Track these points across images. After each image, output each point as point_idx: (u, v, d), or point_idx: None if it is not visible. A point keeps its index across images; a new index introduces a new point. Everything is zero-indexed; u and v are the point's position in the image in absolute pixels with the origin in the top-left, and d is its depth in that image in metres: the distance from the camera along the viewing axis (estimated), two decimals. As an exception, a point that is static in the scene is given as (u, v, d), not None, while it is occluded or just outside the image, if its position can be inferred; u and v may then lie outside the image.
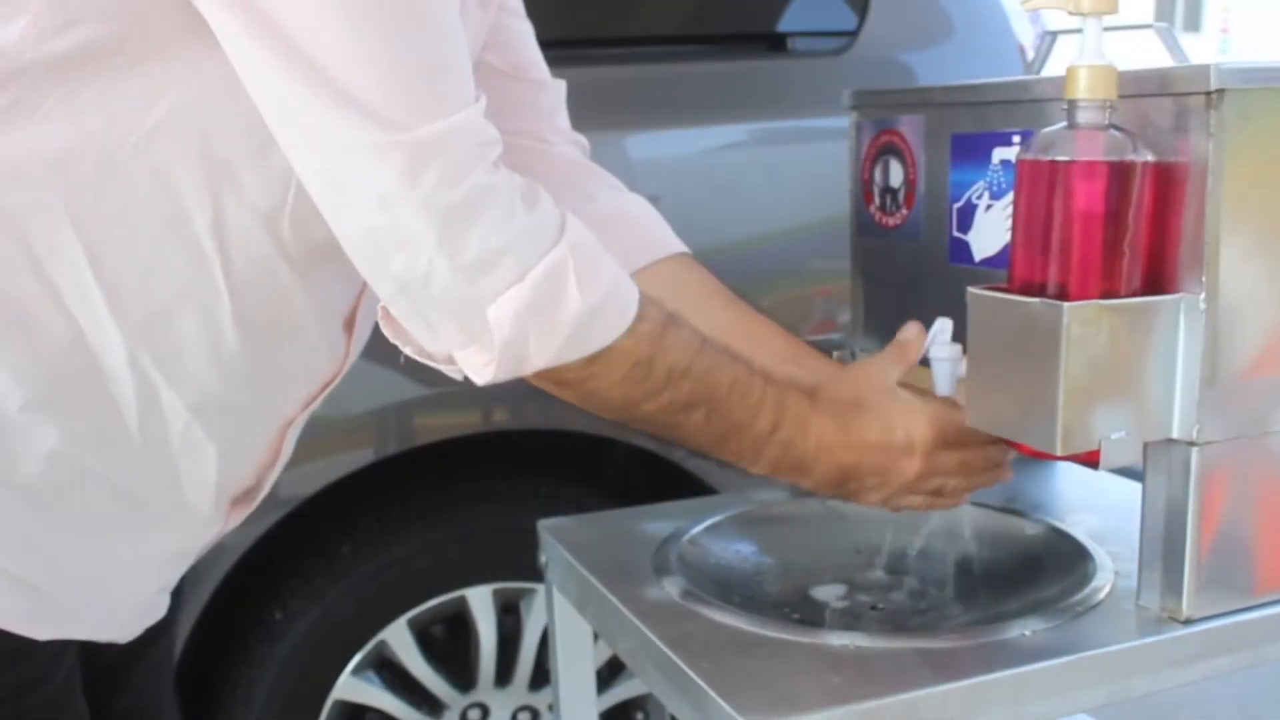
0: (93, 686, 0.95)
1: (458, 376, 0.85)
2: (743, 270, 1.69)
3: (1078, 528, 1.06)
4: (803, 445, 0.92)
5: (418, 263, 0.75)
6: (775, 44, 1.85)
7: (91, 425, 0.83)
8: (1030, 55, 1.83)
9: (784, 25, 1.86)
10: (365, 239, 0.76)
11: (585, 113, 1.67)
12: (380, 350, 1.54)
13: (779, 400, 0.91)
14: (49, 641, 0.86)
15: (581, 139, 1.18)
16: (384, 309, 0.84)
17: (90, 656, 0.94)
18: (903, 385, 0.98)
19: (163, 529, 0.92)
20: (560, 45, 1.75)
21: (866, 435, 0.94)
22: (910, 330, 0.99)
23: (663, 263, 1.10)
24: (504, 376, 0.81)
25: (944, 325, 0.98)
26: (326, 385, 0.97)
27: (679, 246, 1.12)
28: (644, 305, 0.84)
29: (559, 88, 1.17)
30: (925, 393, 0.99)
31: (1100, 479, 1.17)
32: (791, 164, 1.75)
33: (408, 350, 0.85)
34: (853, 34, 1.84)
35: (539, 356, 0.80)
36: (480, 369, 0.81)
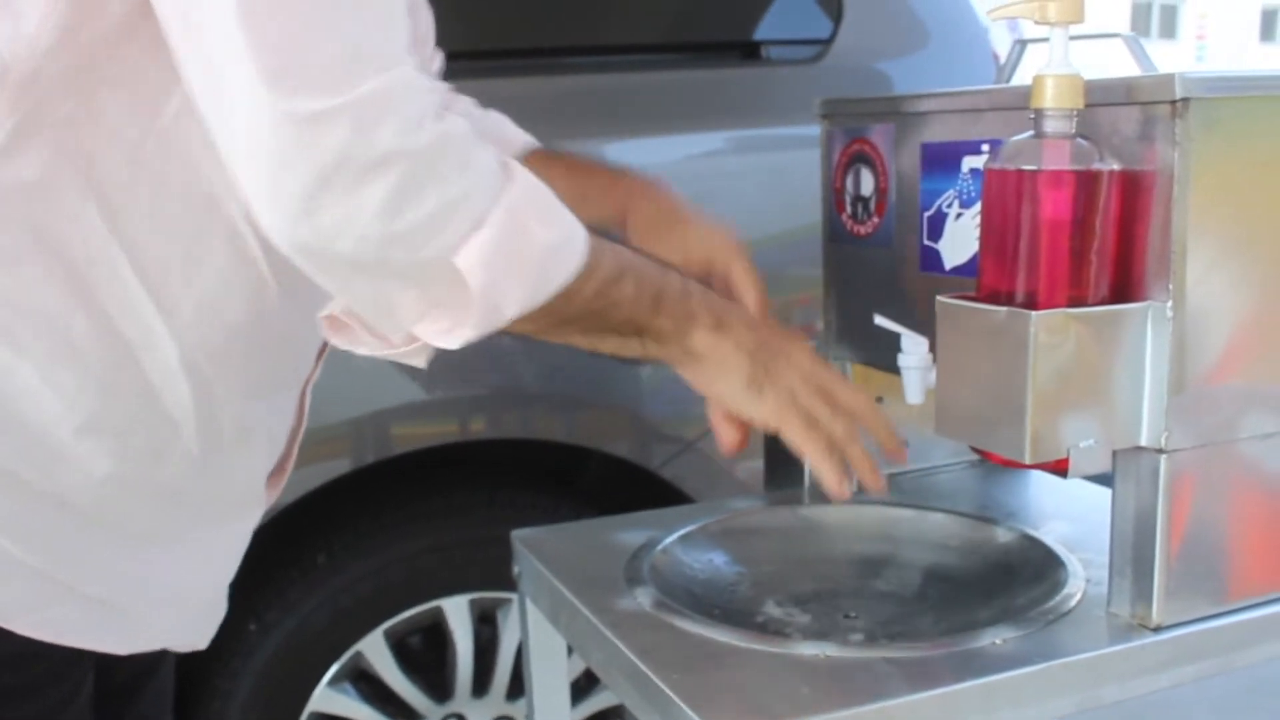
0: (101, 708, 0.95)
1: (419, 362, 0.81)
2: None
3: (1050, 535, 1.06)
4: (715, 295, 0.93)
5: (370, 233, 0.71)
6: (750, 52, 1.86)
7: (148, 442, 0.84)
8: (1003, 62, 1.84)
9: (759, 33, 1.87)
10: (318, 209, 0.71)
11: (562, 120, 1.68)
12: (357, 360, 1.53)
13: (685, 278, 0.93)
14: (76, 663, 0.85)
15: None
16: (328, 317, 0.81)
17: (101, 678, 0.93)
18: None
19: (224, 520, 0.93)
20: (536, 54, 1.76)
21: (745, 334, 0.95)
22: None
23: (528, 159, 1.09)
24: (480, 333, 0.78)
25: (917, 340, 0.99)
26: None
27: (529, 140, 1.17)
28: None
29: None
30: None
31: (1073, 486, 1.17)
32: (766, 171, 1.75)
33: (361, 350, 0.82)
34: (827, 42, 1.85)
35: (511, 304, 0.77)
36: (448, 333, 0.77)
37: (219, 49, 0.68)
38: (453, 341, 0.78)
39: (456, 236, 0.74)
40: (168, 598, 0.90)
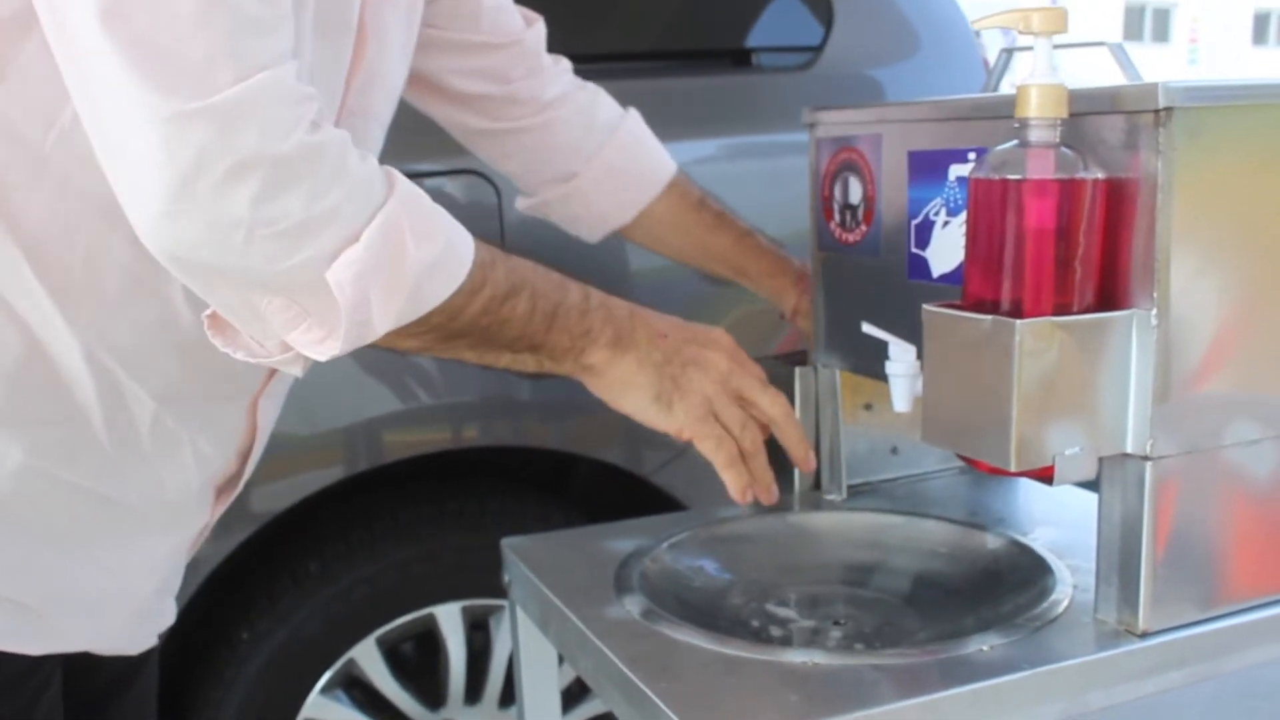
0: (79, 713, 0.94)
1: (295, 371, 0.81)
2: (713, 283, 1.69)
3: (1038, 541, 1.07)
4: (619, 310, 0.96)
5: (232, 239, 0.70)
6: (741, 59, 1.86)
7: (58, 435, 0.83)
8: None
9: (750, 41, 1.87)
10: (182, 211, 0.70)
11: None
12: (348, 368, 1.54)
13: (591, 293, 0.96)
14: (33, 673, 0.85)
15: (565, 65, 1.26)
16: (210, 316, 0.80)
17: (76, 688, 0.93)
18: None
19: (149, 530, 0.91)
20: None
21: (680, 322, 1.00)
22: None
23: (661, 197, 1.23)
24: (349, 347, 0.77)
25: (904, 348, 1.00)
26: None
27: (669, 168, 1.26)
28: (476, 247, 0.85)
29: (536, 30, 1.22)
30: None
31: (1061, 491, 1.18)
32: (758, 178, 1.76)
33: (239, 355, 0.81)
34: (818, 49, 1.85)
35: (382, 320, 0.77)
36: (318, 345, 0.77)
37: (87, 48, 0.68)
38: (323, 353, 0.77)
39: (327, 249, 0.73)
40: (85, 603, 0.88)
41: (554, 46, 1.79)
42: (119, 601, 0.91)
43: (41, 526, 0.84)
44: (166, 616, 0.98)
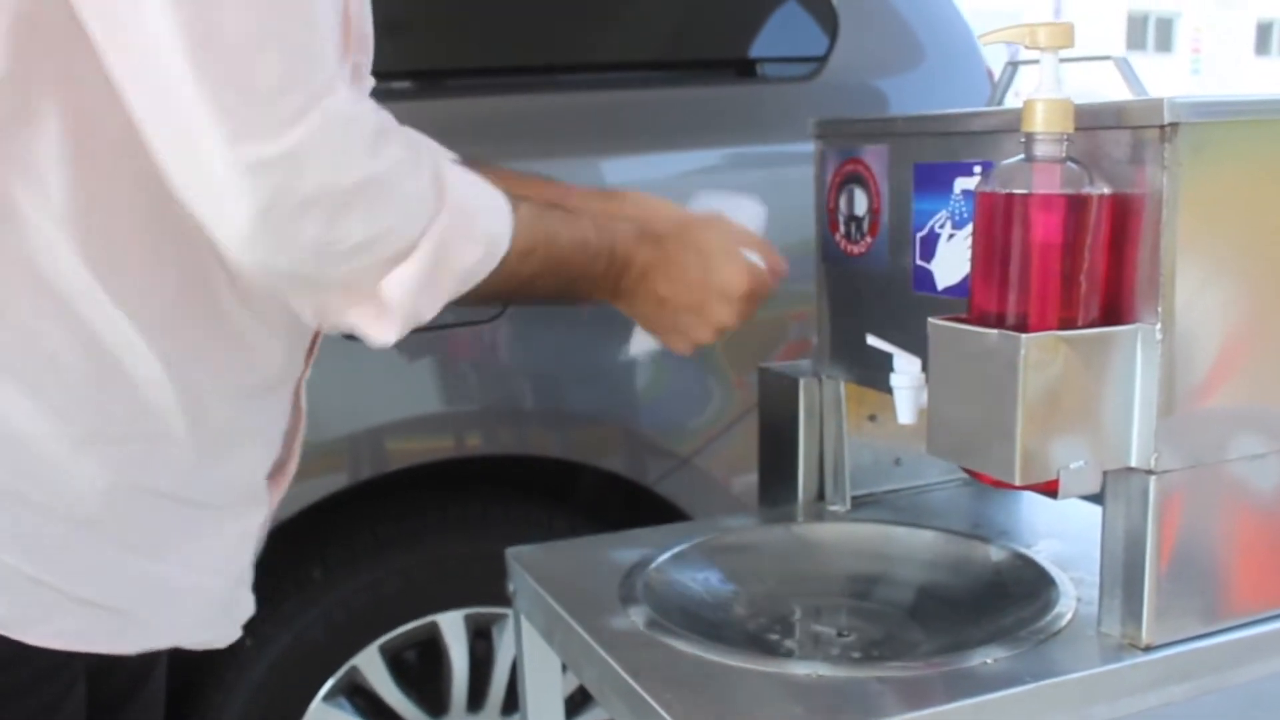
0: (92, 717, 0.95)
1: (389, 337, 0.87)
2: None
3: (1042, 554, 1.07)
4: (626, 277, 1.00)
5: (304, 256, 0.77)
6: (745, 70, 1.87)
7: (144, 449, 0.84)
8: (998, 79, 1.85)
9: (754, 51, 1.88)
10: (251, 245, 0.76)
11: (559, 138, 1.69)
12: (354, 376, 1.54)
13: (610, 245, 0.99)
14: (65, 665, 0.86)
15: None
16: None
17: (92, 690, 0.94)
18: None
19: (222, 524, 0.93)
20: (533, 72, 1.77)
21: (688, 272, 1.02)
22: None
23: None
24: (402, 333, 0.85)
25: (909, 360, 1.00)
26: (319, 331, 0.99)
27: None
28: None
29: None
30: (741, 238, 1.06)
31: (1065, 504, 1.18)
32: (762, 188, 1.76)
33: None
34: (822, 59, 1.86)
35: (429, 311, 0.85)
36: (373, 325, 0.84)
37: (161, 76, 0.71)
38: (379, 333, 0.85)
39: (382, 266, 0.81)
40: (170, 601, 0.90)
41: (559, 57, 1.80)
42: (200, 595, 0.93)
43: (128, 535, 0.86)
44: (245, 606, 1.00)
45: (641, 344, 1.10)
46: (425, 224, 0.81)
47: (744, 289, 1.02)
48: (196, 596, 0.93)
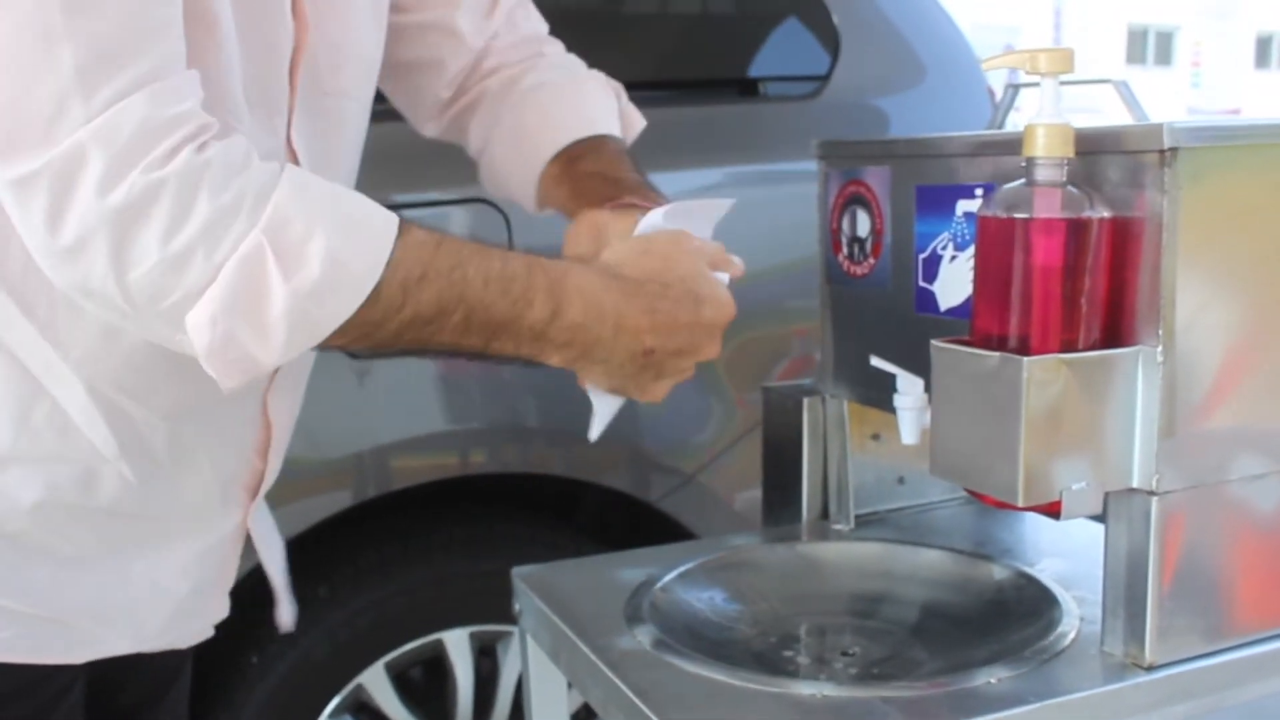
0: None
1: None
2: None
3: (1045, 573, 1.07)
4: (599, 327, 0.85)
5: (106, 286, 0.70)
6: (747, 89, 1.88)
7: (75, 470, 0.84)
8: (998, 97, 1.87)
9: (756, 70, 1.89)
10: (59, 268, 0.71)
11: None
12: (358, 395, 1.54)
13: (555, 284, 0.83)
14: (53, 679, 0.86)
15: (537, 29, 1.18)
16: None
17: (103, 700, 0.94)
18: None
19: (173, 537, 0.92)
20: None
21: (678, 316, 0.88)
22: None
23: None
24: (234, 382, 0.75)
25: (912, 381, 1.01)
26: None
27: (588, 130, 1.09)
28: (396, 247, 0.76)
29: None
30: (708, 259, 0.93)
31: (1068, 523, 1.19)
32: (765, 206, 1.77)
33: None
34: (824, 78, 1.87)
35: (268, 353, 0.74)
36: (216, 361, 0.74)
37: None
38: (220, 371, 0.75)
39: (192, 287, 0.71)
40: (118, 612, 0.90)
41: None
42: (153, 606, 0.93)
43: (65, 549, 0.85)
44: (215, 611, 0.99)
45: (606, 412, 0.98)
46: (235, 240, 0.71)
47: (731, 315, 0.92)
48: (150, 606, 0.92)
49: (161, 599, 0.93)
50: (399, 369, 1.55)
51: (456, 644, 1.68)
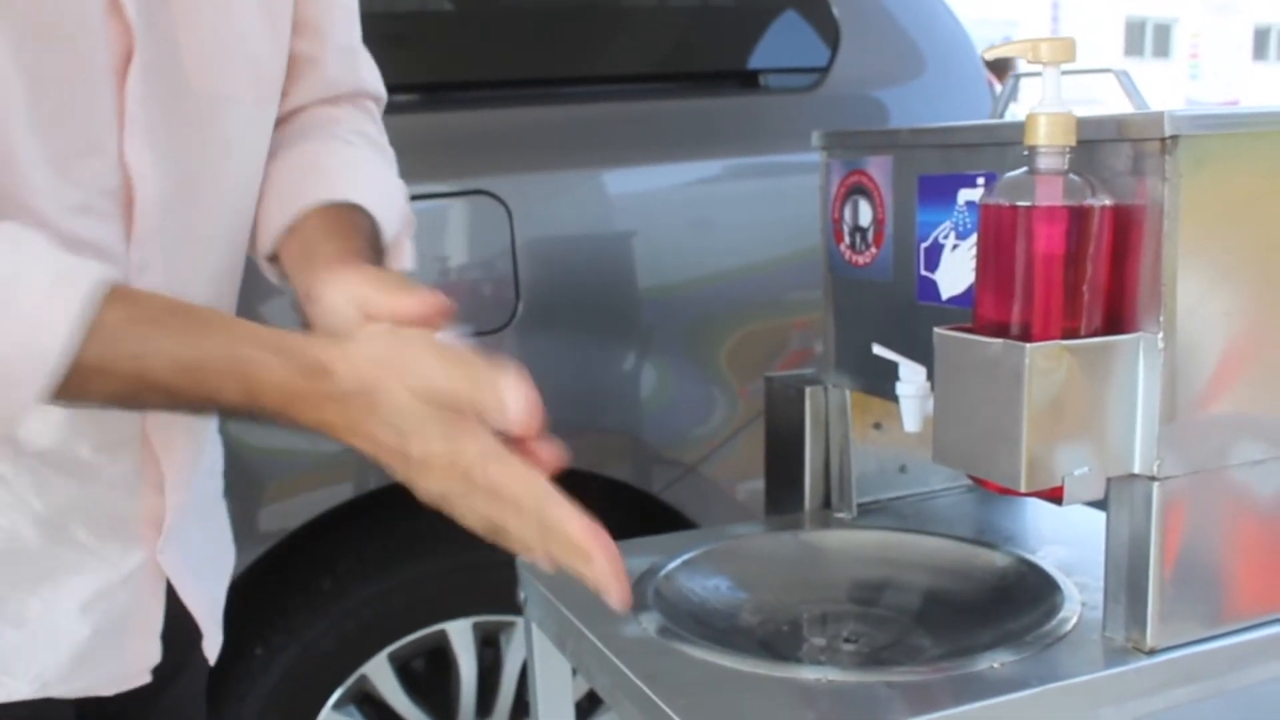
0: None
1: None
2: (720, 302, 1.72)
3: (1047, 559, 1.08)
4: (306, 419, 0.74)
5: None
6: (748, 81, 1.88)
7: None
8: (999, 89, 1.87)
9: (756, 62, 1.89)
10: None
11: (563, 150, 1.70)
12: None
13: (252, 375, 0.73)
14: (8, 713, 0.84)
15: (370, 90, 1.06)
16: None
17: (94, 703, 0.92)
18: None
19: (58, 574, 0.87)
20: (536, 84, 1.78)
21: (378, 436, 0.73)
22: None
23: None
24: None
25: (915, 369, 1.02)
26: None
27: (334, 196, 0.92)
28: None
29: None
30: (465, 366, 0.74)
31: (1069, 509, 1.20)
32: (766, 198, 1.78)
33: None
34: (824, 70, 1.87)
35: None
36: None
37: None
38: None
39: None
40: (14, 654, 0.85)
41: (563, 70, 1.82)
42: (45, 648, 0.87)
43: None
44: (139, 656, 0.92)
45: None
46: None
47: (456, 453, 0.73)
48: (51, 647, 0.87)
49: (53, 641, 0.87)
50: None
51: (460, 634, 1.69)
